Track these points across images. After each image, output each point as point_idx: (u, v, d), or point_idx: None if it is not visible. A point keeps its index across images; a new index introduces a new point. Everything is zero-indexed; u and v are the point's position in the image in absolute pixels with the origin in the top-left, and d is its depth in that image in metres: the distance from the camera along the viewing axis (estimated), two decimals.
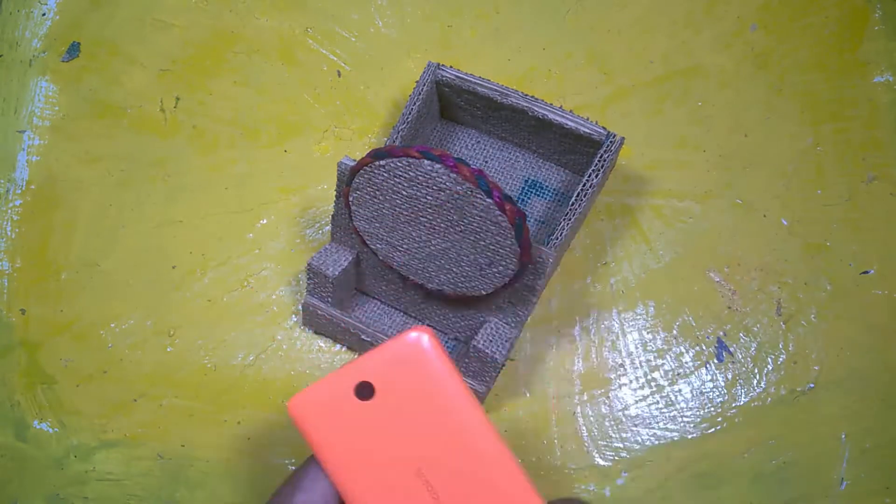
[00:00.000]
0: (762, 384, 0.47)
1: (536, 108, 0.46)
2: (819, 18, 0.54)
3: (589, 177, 0.45)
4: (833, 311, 0.48)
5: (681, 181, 0.51)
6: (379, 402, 0.29)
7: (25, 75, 0.56)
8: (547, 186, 0.50)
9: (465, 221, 0.40)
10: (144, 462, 0.47)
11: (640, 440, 0.47)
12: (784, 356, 0.48)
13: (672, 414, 0.47)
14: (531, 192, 0.50)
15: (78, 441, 0.48)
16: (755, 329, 0.48)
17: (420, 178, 0.39)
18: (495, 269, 0.41)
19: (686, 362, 0.48)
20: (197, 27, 0.56)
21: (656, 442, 0.47)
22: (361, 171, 0.41)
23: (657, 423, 0.47)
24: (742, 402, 0.47)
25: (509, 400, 0.48)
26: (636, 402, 0.48)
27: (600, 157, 0.45)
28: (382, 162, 0.40)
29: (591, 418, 0.47)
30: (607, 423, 0.47)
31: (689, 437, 0.47)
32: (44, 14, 0.57)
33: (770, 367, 0.48)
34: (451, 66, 0.47)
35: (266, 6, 0.57)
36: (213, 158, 0.53)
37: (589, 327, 0.49)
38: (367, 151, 0.41)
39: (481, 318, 0.46)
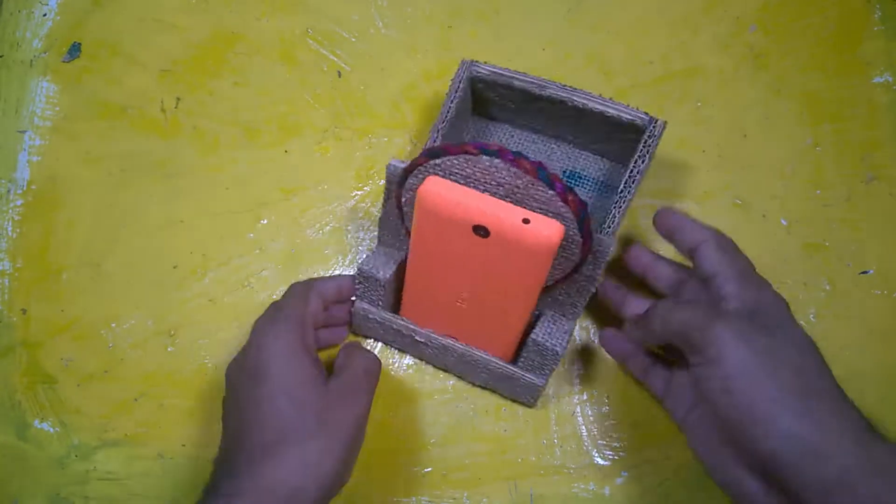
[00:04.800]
0: None
1: (576, 98, 0.45)
2: (819, 18, 0.54)
3: (636, 163, 0.44)
4: (832, 311, 0.48)
5: (681, 181, 0.51)
6: (483, 240, 0.38)
7: (26, 76, 0.56)
8: (586, 176, 0.50)
9: None
10: (145, 461, 0.48)
11: (639, 440, 0.47)
12: None
13: None
14: (570, 183, 0.50)
15: (79, 440, 0.48)
16: None
17: (478, 174, 0.39)
18: (556, 261, 0.41)
19: None
20: (197, 28, 0.56)
21: (656, 441, 0.47)
22: (415, 172, 0.40)
23: (656, 422, 0.47)
24: None
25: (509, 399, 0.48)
26: (635, 401, 0.48)
27: (644, 142, 0.44)
28: (438, 161, 0.39)
29: (591, 418, 0.47)
30: (607, 423, 0.47)
31: None
32: (44, 14, 0.57)
33: None
34: (485, 62, 0.47)
35: (266, 7, 0.57)
36: (214, 158, 0.54)
37: (589, 327, 0.49)
38: (421, 151, 0.40)
39: (535, 312, 0.45)
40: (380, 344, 0.49)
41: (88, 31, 0.57)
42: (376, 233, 0.51)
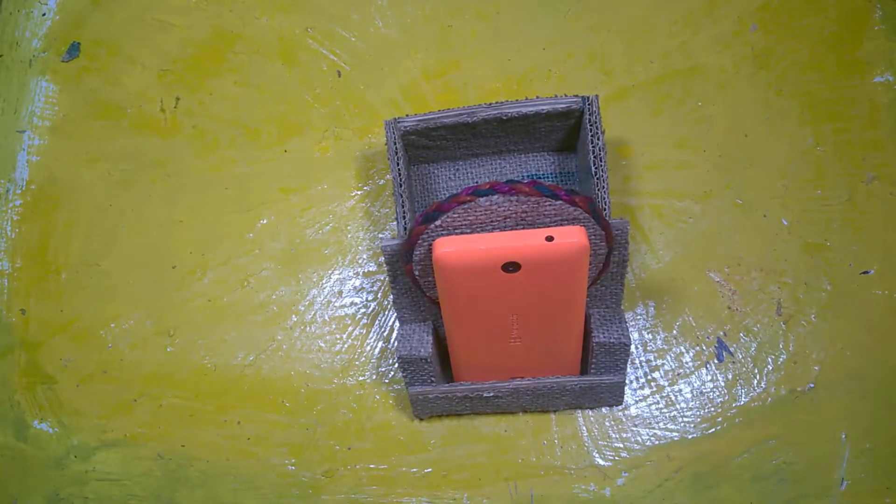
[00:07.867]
0: (762, 384, 0.47)
1: (507, 110, 0.45)
2: (819, 18, 0.54)
3: (592, 141, 0.44)
4: (833, 310, 0.48)
5: (681, 181, 0.51)
6: (516, 275, 0.38)
7: (25, 75, 0.56)
8: (543, 176, 0.50)
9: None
10: (144, 462, 0.47)
11: (640, 440, 0.47)
12: (784, 356, 0.48)
13: (672, 414, 0.47)
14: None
15: (78, 441, 0.48)
16: (755, 329, 0.48)
17: (481, 217, 0.39)
18: (590, 260, 0.41)
19: (686, 362, 0.48)
20: (197, 27, 0.56)
21: (656, 442, 0.47)
22: (419, 241, 0.40)
23: (657, 423, 0.47)
24: (742, 402, 0.47)
25: None
26: (636, 402, 0.48)
27: (589, 120, 0.44)
28: (438, 222, 0.39)
29: (592, 418, 0.47)
30: (607, 424, 0.47)
31: (689, 437, 0.47)
32: (44, 14, 0.57)
33: (770, 367, 0.48)
34: (406, 115, 0.46)
35: (266, 6, 0.57)
36: (213, 158, 0.53)
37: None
38: (414, 220, 0.40)
39: None
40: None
41: (87, 31, 0.56)
42: (376, 233, 0.51)
